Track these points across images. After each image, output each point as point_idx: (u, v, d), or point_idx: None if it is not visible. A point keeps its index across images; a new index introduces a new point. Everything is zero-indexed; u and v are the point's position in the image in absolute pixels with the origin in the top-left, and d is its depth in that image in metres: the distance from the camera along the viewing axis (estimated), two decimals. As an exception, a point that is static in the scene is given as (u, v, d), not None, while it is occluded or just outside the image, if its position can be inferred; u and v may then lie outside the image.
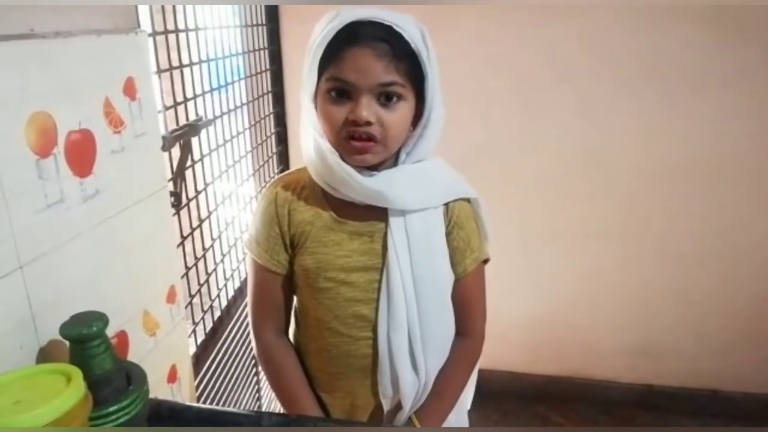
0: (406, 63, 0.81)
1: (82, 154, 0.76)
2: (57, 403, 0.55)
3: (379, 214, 0.90)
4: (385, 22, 0.80)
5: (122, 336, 0.88)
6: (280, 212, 0.94)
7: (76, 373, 0.60)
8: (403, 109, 0.84)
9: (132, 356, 0.90)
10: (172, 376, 1.06)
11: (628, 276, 2.10)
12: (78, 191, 0.76)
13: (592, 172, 1.99)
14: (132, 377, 0.72)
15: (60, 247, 0.73)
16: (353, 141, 0.83)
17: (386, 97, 0.82)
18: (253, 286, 1.00)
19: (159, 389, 1.00)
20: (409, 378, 0.92)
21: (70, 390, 0.57)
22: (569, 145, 1.96)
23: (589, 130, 1.94)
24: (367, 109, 0.81)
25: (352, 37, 0.80)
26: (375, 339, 0.92)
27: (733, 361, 2.12)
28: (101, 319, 0.67)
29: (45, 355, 0.69)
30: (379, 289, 0.91)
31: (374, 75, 0.80)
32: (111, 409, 0.66)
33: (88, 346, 0.66)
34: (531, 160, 2.00)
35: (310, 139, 0.87)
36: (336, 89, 0.83)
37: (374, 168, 0.88)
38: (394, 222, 0.89)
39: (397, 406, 0.97)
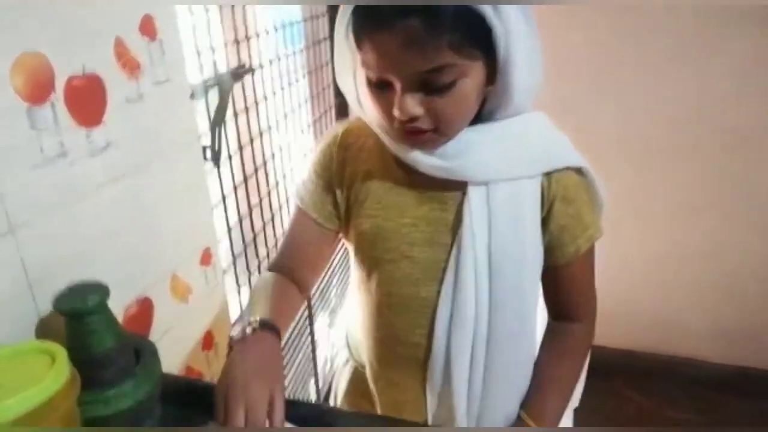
0: (456, 27, 0.60)
1: (87, 102, 0.67)
2: (31, 393, 0.48)
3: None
4: None
5: (145, 302, 0.81)
6: (338, 157, 0.80)
7: (61, 355, 0.52)
8: (462, 87, 0.65)
9: (158, 323, 0.84)
10: (208, 343, 0.99)
11: (722, 248, 1.87)
12: (84, 144, 0.67)
13: (683, 134, 1.75)
14: (141, 355, 0.65)
15: (64, 207, 0.65)
16: (405, 132, 0.68)
17: (433, 81, 0.63)
18: (287, 234, 0.86)
19: (193, 357, 0.95)
20: (464, 380, 0.77)
21: (50, 376, 0.50)
22: (657, 100, 1.72)
23: (680, 84, 1.68)
24: (411, 101, 0.64)
25: (373, 16, 0.62)
26: (431, 329, 0.77)
27: None
28: (99, 291, 0.59)
29: (45, 328, 0.62)
30: (444, 270, 0.75)
31: (409, 65, 0.62)
32: (110, 393, 0.59)
33: (85, 321, 0.58)
34: (612, 117, 1.78)
35: None
36: (372, 78, 0.66)
37: None
38: (474, 191, 0.72)
39: (450, 406, 0.81)
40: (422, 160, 0.71)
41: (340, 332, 1.75)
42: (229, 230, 1.15)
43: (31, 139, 0.60)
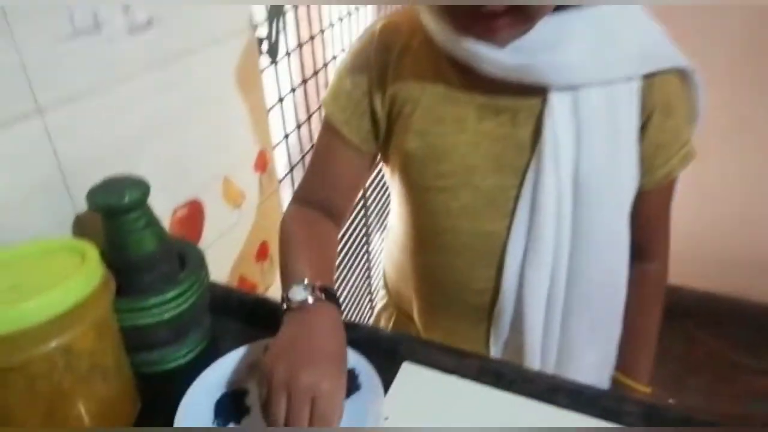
0: None
1: (123, -34, 0.57)
2: (56, 294, 0.41)
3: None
4: None
5: (195, 205, 0.74)
6: (377, 61, 0.63)
7: (92, 253, 0.45)
8: None
9: (209, 230, 0.78)
10: (263, 253, 0.93)
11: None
12: (122, 18, 0.58)
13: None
14: (187, 262, 0.58)
15: (100, 90, 0.57)
16: (473, 19, 0.53)
17: None
18: (314, 156, 0.71)
19: (246, 267, 0.89)
20: (538, 329, 0.66)
21: (78, 277, 0.43)
22: None
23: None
24: None
25: None
26: (499, 271, 0.65)
27: None
28: (139, 186, 0.52)
29: (81, 226, 0.56)
30: (516, 199, 0.61)
31: None
32: (150, 300, 0.52)
33: (122, 220, 0.51)
34: (709, 23, 1.53)
35: None
36: None
37: None
38: (558, 98, 0.57)
39: (519, 359, 0.69)
40: (491, 56, 0.55)
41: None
42: (287, 136, 1.07)
43: (56, 7, 0.51)
